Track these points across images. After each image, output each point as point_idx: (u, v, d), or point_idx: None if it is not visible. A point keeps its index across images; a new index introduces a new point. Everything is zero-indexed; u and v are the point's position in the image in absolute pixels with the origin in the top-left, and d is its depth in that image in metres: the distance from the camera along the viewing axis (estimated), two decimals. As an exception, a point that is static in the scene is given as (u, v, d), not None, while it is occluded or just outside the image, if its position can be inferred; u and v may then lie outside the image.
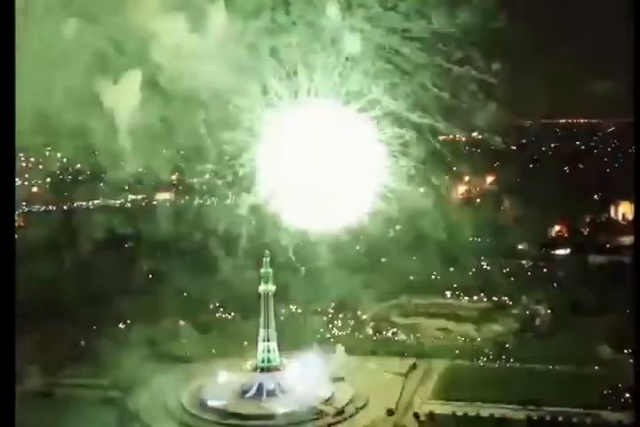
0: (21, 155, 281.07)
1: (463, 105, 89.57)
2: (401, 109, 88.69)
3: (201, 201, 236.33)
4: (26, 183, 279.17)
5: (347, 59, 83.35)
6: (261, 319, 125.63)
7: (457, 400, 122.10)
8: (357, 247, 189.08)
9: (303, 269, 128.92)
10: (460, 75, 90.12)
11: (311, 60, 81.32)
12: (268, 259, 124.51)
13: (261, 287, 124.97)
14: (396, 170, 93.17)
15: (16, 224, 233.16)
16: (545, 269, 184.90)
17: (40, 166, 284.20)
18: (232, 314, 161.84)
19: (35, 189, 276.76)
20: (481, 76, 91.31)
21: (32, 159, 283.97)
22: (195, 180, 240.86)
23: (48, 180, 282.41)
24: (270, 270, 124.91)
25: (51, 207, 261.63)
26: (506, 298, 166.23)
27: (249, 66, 75.66)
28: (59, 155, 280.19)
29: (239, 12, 73.47)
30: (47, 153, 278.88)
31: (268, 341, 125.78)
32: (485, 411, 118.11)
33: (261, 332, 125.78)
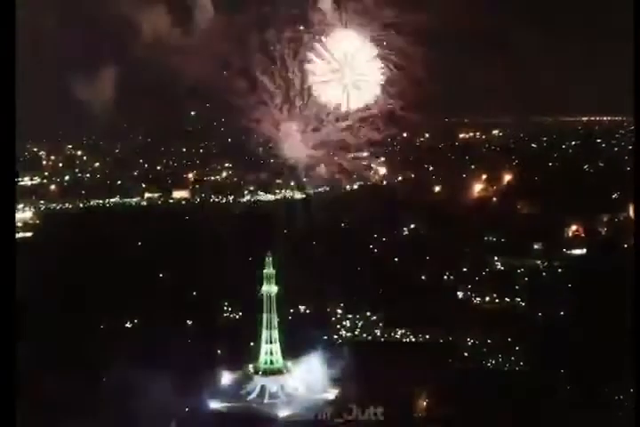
0: (42, 153, 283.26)
1: (462, 102, 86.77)
2: (397, 108, 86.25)
3: (217, 199, 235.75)
4: (44, 181, 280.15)
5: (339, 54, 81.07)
6: (264, 321, 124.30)
7: (462, 404, 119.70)
8: (370, 246, 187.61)
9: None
10: (459, 70, 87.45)
11: (303, 55, 79.08)
12: (271, 258, 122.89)
13: (264, 288, 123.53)
14: (394, 171, 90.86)
15: (31, 222, 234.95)
16: (560, 270, 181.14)
17: (60, 164, 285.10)
18: (240, 314, 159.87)
19: (52, 187, 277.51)
20: (482, 71, 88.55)
21: (52, 157, 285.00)
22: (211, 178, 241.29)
23: (67, 177, 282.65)
24: (273, 271, 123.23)
25: (67, 205, 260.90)
26: (518, 299, 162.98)
27: (236, 61, 73.56)
28: (79, 153, 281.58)
29: (225, 5, 71.29)
30: (68, 151, 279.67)
31: (271, 343, 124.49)
32: (490, 415, 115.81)
33: (264, 333, 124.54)
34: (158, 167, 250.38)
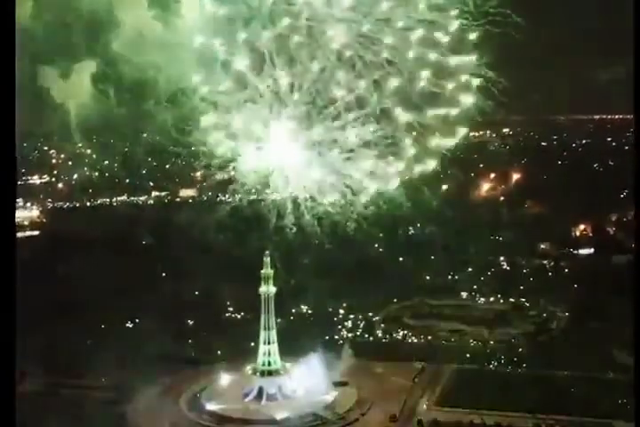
0: (52, 152, 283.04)
1: (457, 100, 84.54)
2: (392, 107, 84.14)
3: (223, 198, 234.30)
4: (53, 180, 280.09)
5: (330, 51, 79.02)
6: (262, 321, 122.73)
7: (463, 407, 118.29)
8: (376, 246, 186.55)
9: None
10: (455, 67, 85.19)
11: (292, 52, 76.97)
12: (269, 259, 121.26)
13: (262, 289, 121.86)
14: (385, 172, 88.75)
15: (38, 220, 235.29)
16: (567, 270, 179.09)
17: (70, 162, 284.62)
18: (242, 314, 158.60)
19: (60, 186, 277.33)
20: (478, 70, 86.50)
21: (62, 156, 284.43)
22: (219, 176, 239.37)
23: (75, 176, 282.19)
24: (271, 271, 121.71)
25: (75, 204, 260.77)
26: (523, 299, 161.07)
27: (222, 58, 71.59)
28: (88, 151, 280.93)
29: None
30: (77, 150, 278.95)
31: (269, 343, 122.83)
32: (492, 419, 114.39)
33: (262, 334, 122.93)
34: (167, 166, 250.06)
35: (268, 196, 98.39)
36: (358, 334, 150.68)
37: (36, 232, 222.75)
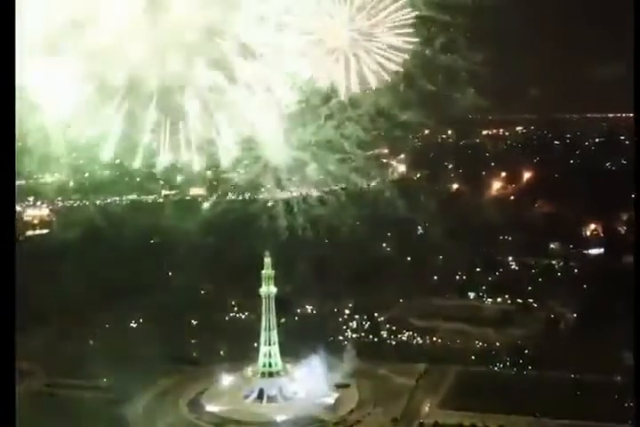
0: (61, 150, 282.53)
1: (452, 98, 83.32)
2: (388, 106, 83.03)
3: (233, 197, 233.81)
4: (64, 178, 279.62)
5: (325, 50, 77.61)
6: (263, 322, 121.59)
7: (466, 410, 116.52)
8: (384, 245, 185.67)
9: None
10: (450, 65, 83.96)
11: (285, 50, 75.60)
12: (269, 259, 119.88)
13: (262, 289, 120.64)
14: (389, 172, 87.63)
15: (47, 218, 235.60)
16: (576, 270, 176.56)
17: (80, 161, 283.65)
18: (246, 313, 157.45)
19: (71, 184, 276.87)
20: (470, 66, 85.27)
21: (74, 155, 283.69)
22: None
23: (86, 175, 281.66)
24: (272, 271, 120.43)
25: (84, 202, 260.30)
26: (531, 300, 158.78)
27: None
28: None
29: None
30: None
31: (270, 344, 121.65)
32: (495, 422, 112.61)
33: (263, 335, 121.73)
34: (178, 165, 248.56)
35: (263, 197, 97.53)
36: (363, 334, 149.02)
37: (45, 230, 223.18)
